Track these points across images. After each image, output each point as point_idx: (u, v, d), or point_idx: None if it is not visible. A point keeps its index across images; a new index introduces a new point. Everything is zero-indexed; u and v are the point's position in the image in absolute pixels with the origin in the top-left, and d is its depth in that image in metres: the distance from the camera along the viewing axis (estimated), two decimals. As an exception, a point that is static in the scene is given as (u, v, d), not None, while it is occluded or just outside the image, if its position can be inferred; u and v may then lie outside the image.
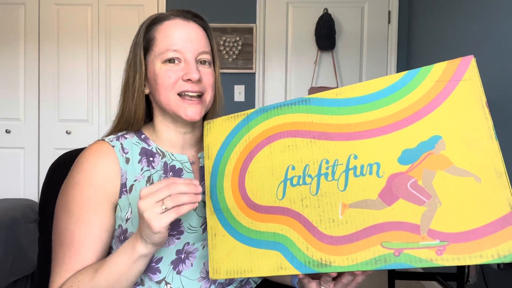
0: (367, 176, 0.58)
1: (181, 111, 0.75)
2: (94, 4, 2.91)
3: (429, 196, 0.53)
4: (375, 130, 0.58)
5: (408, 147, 0.56)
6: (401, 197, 0.55)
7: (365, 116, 0.59)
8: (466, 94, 0.54)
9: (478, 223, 0.50)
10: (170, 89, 0.74)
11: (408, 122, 0.56)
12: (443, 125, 0.54)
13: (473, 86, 0.53)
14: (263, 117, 0.68)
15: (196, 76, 0.73)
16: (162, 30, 0.76)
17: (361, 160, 0.58)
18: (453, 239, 0.51)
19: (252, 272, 0.64)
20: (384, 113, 0.58)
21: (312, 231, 0.60)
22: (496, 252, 0.49)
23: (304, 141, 0.63)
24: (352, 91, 0.62)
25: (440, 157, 0.53)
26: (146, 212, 0.59)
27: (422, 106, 0.56)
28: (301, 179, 0.62)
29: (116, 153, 0.76)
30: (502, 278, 1.76)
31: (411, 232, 0.53)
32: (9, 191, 2.90)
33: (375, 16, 2.90)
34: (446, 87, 0.55)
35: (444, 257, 0.51)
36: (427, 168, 0.54)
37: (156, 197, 0.59)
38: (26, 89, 2.92)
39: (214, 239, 0.68)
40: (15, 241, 1.80)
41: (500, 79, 1.79)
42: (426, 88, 0.56)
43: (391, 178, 0.56)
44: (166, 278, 0.74)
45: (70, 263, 0.69)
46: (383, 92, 0.59)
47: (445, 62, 0.56)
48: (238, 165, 0.68)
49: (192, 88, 0.74)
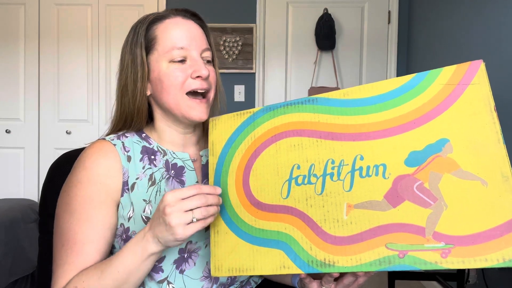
0: (373, 177, 0.58)
1: (190, 112, 0.74)
2: (94, 4, 2.91)
3: (435, 199, 0.53)
4: (382, 132, 0.58)
5: (415, 149, 0.56)
6: (407, 199, 0.55)
7: (372, 117, 0.59)
8: (474, 98, 0.54)
9: (483, 227, 0.50)
10: (178, 89, 0.74)
11: (416, 124, 0.56)
12: (451, 128, 0.54)
13: (482, 90, 0.53)
14: (269, 115, 0.68)
15: (206, 72, 0.73)
16: (164, 28, 0.75)
17: (367, 161, 0.58)
18: (459, 242, 0.51)
19: (255, 270, 0.64)
20: (392, 115, 0.58)
21: (316, 230, 0.60)
22: (502, 256, 0.49)
23: (310, 141, 0.63)
24: (360, 92, 0.61)
25: (447, 160, 0.54)
26: (173, 220, 0.59)
27: (430, 109, 0.56)
28: (306, 179, 0.62)
29: (118, 151, 0.75)
30: (502, 278, 1.76)
31: (416, 234, 0.53)
32: (9, 191, 2.89)
33: (375, 16, 2.90)
34: (455, 91, 0.55)
35: (449, 260, 0.51)
36: (433, 171, 0.54)
37: (186, 206, 0.59)
38: (26, 89, 2.92)
39: (216, 237, 0.68)
40: (15, 241, 1.80)
41: (501, 80, 1.79)
42: (435, 91, 0.56)
43: (397, 180, 0.56)
44: (168, 278, 0.74)
45: (73, 263, 0.68)
46: (391, 94, 0.59)
47: (454, 65, 0.56)
48: (243, 162, 0.68)
49: (201, 85, 0.74)
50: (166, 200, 0.60)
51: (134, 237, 0.66)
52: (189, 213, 0.59)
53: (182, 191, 0.60)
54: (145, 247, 0.64)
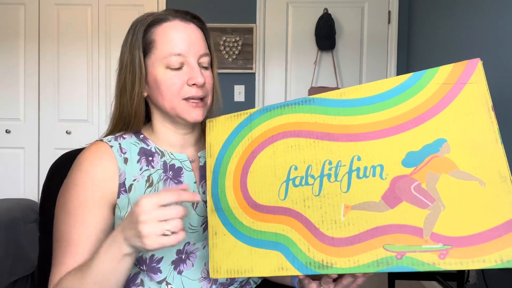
0: (370, 178, 0.57)
1: (186, 114, 0.75)
2: (94, 4, 2.91)
3: (432, 200, 0.53)
4: (380, 132, 0.58)
5: (412, 150, 0.55)
6: (405, 200, 0.55)
7: (369, 118, 0.59)
8: (472, 97, 0.53)
9: (481, 228, 0.50)
10: (176, 95, 0.74)
11: (413, 124, 0.56)
12: (448, 128, 0.54)
13: (479, 89, 0.53)
14: (266, 116, 0.68)
15: (202, 80, 0.73)
16: (162, 32, 0.74)
17: (364, 161, 0.58)
18: (456, 243, 0.51)
19: (253, 272, 0.63)
20: (389, 115, 0.58)
21: (313, 232, 0.60)
22: (500, 257, 0.49)
23: (307, 142, 0.63)
24: (357, 92, 0.61)
25: (445, 160, 0.53)
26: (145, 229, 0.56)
27: (427, 109, 0.55)
28: (304, 180, 0.62)
29: (114, 153, 0.75)
30: (502, 278, 1.76)
31: (414, 235, 0.53)
32: (9, 191, 2.89)
33: (375, 16, 2.90)
34: (452, 90, 0.54)
35: (447, 261, 0.51)
36: (431, 171, 0.54)
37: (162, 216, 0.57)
38: (26, 89, 2.92)
39: (214, 238, 0.68)
40: (15, 241, 1.80)
41: (501, 80, 1.79)
42: (432, 91, 0.56)
43: (394, 180, 0.56)
44: (167, 279, 0.74)
45: (66, 263, 0.69)
46: (388, 94, 0.59)
47: (451, 64, 0.55)
48: (240, 164, 0.68)
49: (196, 92, 0.74)
50: (141, 206, 0.57)
51: (108, 238, 0.64)
52: (163, 224, 0.57)
53: (159, 197, 0.58)
54: (118, 248, 0.62)
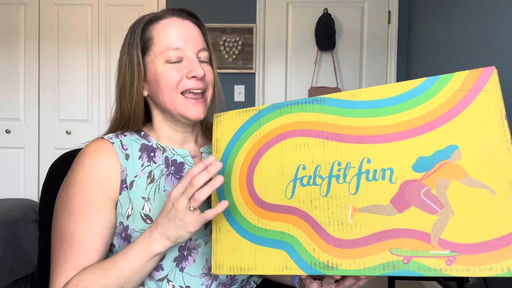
0: (379, 181, 0.57)
1: (186, 111, 0.75)
2: (94, 4, 2.91)
3: (441, 206, 0.53)
4: (391, 135, 0.58)
5: (423, 155, 0.55)
6: (413, 205, 0.55)
7: (381, 120, 0.59)
8: (485, 106, 0.53)
9: (489, 236, 0.50)
10: (173, 89, 0.74)
11: (425, 129, 0.56)
12: (461, 135, 0.54)
13: (493, 97, 0.53)
14: (275, 113, 0.67)
15: (201, 72, 0.74)
16: (160, 29, 0.75)
17: (374, 164, 0.58)
18: (464, 250, 0.51)
19: (256, 270, 0.63)
20: (401, 119, 0.57)
21: (320, 232, 0.59)
22: (507, 265, 0.49)
23: (316, 141, 0.63)
24: (369, 94, 0.60)
25: (456, 167, 0.53)
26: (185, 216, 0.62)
27: (440, 114, 0.55)
28: (312, 180, 0.62)
29: (116, 149, 0.75)
30: (502, 278, 1.76)
31: (422, 240, 0.53)
32: (9, 191, 2.89)
33: (375, 16, 2.90)
34: (466, 97, 0.54)
35: (454, 268, 0.51)
36: (441, 177, 0.54)
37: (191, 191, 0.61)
38: (26, 89, 2.91)
39: (218, 234, 0.67)
40: (15, 241, 1.80)
41: (501, 80, 1.79)
42: (445, 97, 0.55)
43: (404, 184, 0.56)
44: (168, 276, 0.74)
45: (72, 262, 0.69)
46: (401, 97, 0.58)
47: (466, 71, 0.55)
48: (247, 161, 0.68)
49: (196, 85, 0.75)
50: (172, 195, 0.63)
51: (140, 237, 0.67)
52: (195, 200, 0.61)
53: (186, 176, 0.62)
54: (150, 247, 0.65)
